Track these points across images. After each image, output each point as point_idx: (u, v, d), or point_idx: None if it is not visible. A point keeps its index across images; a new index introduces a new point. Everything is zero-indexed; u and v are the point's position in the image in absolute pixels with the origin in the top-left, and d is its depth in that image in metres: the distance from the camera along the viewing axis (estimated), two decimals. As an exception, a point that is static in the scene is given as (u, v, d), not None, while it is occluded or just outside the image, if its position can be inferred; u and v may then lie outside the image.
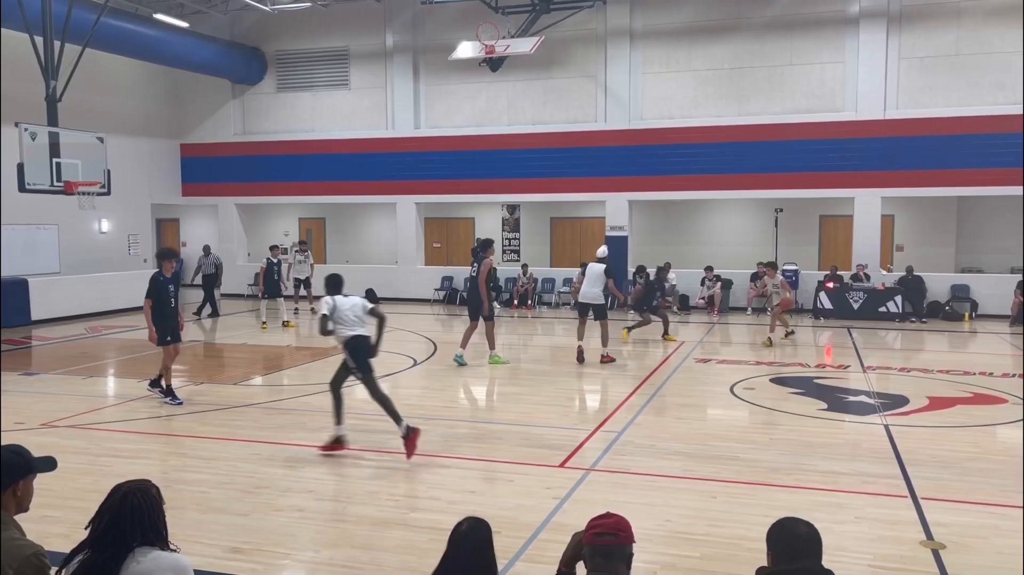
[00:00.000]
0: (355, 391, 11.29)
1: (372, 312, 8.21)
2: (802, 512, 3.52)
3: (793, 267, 19.95)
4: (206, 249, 20.18)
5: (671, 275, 20.29)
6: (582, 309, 13.51)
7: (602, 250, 13.85)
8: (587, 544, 2.98)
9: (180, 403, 10.20)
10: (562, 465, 7.60)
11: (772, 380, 11.72)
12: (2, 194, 17.57)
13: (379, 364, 12.85)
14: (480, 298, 12.69)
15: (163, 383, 10.33)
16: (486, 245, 13.08)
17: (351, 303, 8.29)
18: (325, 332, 8.12)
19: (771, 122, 19.83)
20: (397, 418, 7.87)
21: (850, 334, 16.48)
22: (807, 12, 19.58)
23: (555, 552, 5.50)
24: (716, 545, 5.67)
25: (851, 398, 10.63)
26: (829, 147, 19.42)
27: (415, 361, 13.34)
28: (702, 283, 20.09)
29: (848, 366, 12.90)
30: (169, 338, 10.25)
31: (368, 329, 8.22)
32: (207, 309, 19.34)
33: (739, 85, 20.21)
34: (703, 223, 22.52)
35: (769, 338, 15.03)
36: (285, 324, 17.23)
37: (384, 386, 8.46)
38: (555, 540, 5.71)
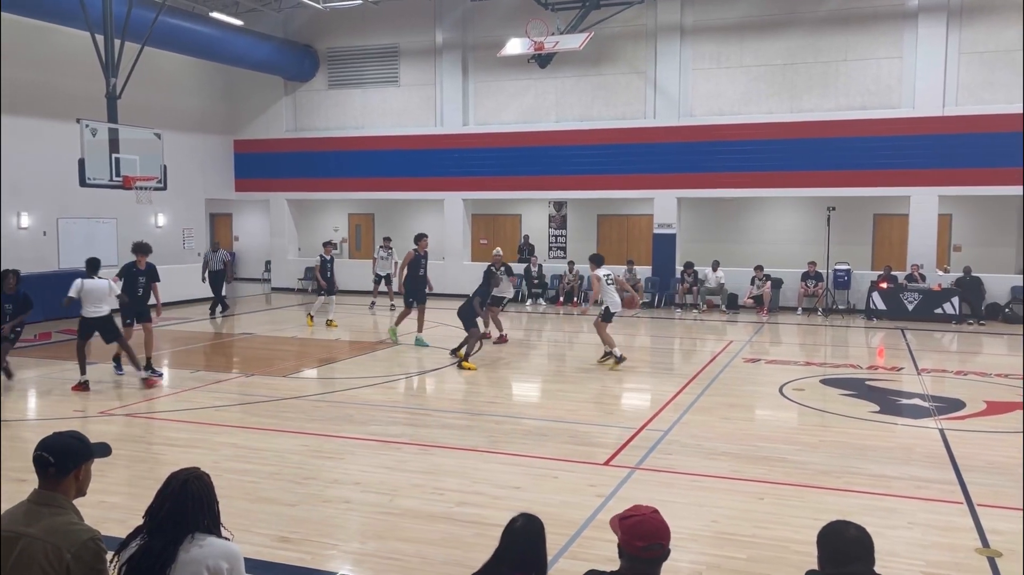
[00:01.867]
0: (397, 387, 11.42)
1: (118, 297, 10.83)
2: (852, 516, 3.46)
3: (846, 266, 19.55)
4: (214, 246, 19.86)
5: (719, 273, 20.06)
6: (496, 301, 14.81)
7: (497, 251, 15.56)
8: (630, 554, 2.92)
9: (122, 374, 11.44)
10: (607, 463, 7.58)
11: (822, 381, 11.51)
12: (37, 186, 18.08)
13: (427, 360, 13.04)
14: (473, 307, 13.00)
15: (133, 361, 11.20)
16: (418, 238, 14.72)
17: (98, 286, 10.52)
18: (67, 305, 10.50)
19: (824, 119, 19.45)
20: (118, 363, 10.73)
21: (904, 336, 16.11)
22: (863, 6, 19.14)
23: (599, 550, 5.50)
24: (763, 547, 5.60)
25: (904, 401, 10.39)
26: (884, 144, 18.97)
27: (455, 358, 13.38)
28: (752, 282, 19.83)
29: (902, 368, 12.61)
30: (129, 320, 11.51)
31: (108, 308, 10.60)
32: (219, 307, 19.00)
33: (792, 81, 19.87)
34: (753, 221, 22.20)
35: (612, 356, 12.26)
36: (329, 323, 16.84)
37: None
38: (599, 538, 5.70)
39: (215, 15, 21.35)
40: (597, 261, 12.90)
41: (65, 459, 3.00)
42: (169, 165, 16.49)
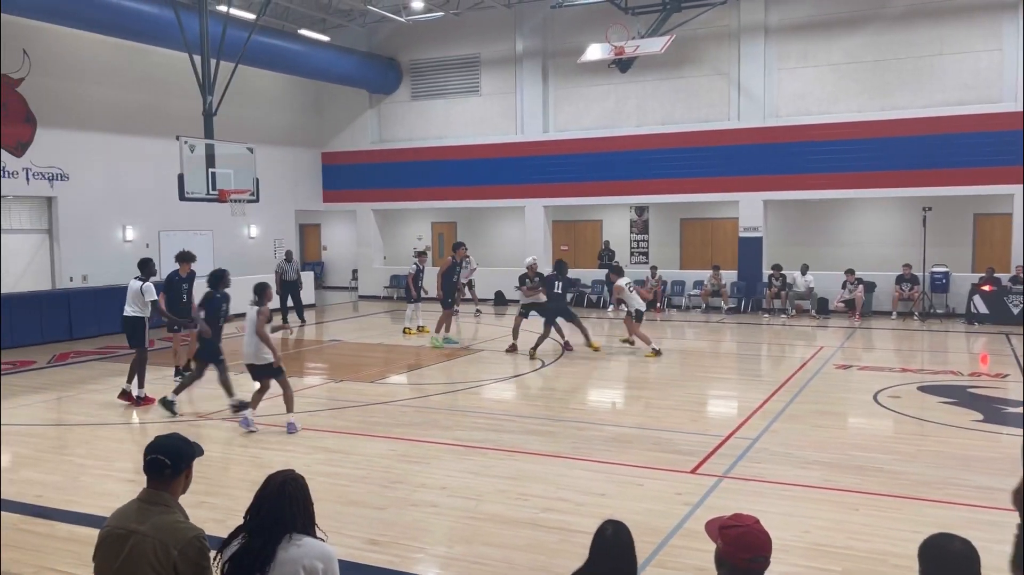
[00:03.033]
0: (481, 392, 11.51)
1: (153, 301, 10.61)
2: (955, 529, 3.32)
3: (943, 269, 18.75)
4: (288, 255, 19.82)
5: (808, 277, 19.50)
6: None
7: (529, 260, 15.72)
8: (733, 565, 2.86)
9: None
10: (694, 471, 7.46)
11: (920, 388, 11.06)
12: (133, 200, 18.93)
13: (509, 366, 13.11)
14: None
15: (139, 379, 10.97)
16: (456, 246, 15.90)
17: (131, 287, 10.60)
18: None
19: (918, 115, 18.71)
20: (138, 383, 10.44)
21: (1009, 341, 15.31)
22: (959, -3, 18.37)
23: (686, 558, 5.43)
24: (858, 559, 5.43)
25: (1010, 409, 9.87)
26: (984, 140, 18.10)
27: (543, 363, 13.43)
28: (843, 286, 19.20)
29: (1007, 375, 11.99)
30: (176, 327, 12.31)
31: (140, 310, 10.51)
32: (292, 316, 19.09)
33: (882, 78, 19.20)
34: (844, 223, 21.50)
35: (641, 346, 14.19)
36: (406, 331, 16.98)
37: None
38: (687, 547, 5.63)
39: (303, 32, 22.07)
40: (618, 272, 14.59)
41: (179, 460, 3.19)
42: (261, 178, 17.08)
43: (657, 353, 13.71)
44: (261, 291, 9.39)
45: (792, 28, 20.02)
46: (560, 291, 14.43)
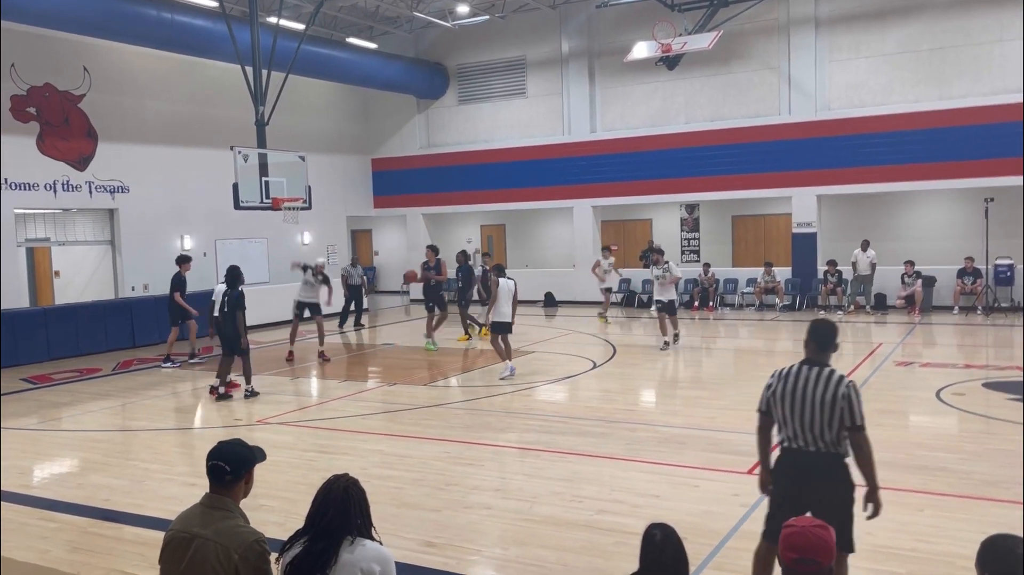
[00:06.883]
0: (532, 395, 11.51)
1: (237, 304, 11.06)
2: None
3: (1008, 261, 18.15)
4: (353, 260, 20.03)
5: (870, 252, 18.97)
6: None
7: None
8: (784, 565, 2.82)
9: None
10: (750, 472, 7.34)
11: (985, 385, 10.73)
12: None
13: (560, 367, 13.09)
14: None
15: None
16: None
17: (218, 290, 11.34)
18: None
19: (978, 104, 18.15)
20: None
21: (1079, 335, 14.76)
22: (1020, -20, 17.76)
23: (744, 561, 5.35)
24: (924, 562, 5.29)
25: (1082, 406, 9.52)
26: (1049, 127, 17.48)
27: (594, 364, 13.38)
28: (902, 280, 18.72)
29: (1078, 370, 11.56)
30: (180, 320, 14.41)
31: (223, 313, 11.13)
32: (356, 320, 19.41)
33: (939, 67, 18.67)
34: (901, 217, 20.96)
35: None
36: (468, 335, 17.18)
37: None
38: (745, 548, 5.54)
39: (351, 40, 22.35)
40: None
41: (239, 466, 3.26)
42: (313, 185, 17.32)
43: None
44: (502, 269, 12.48)
45: (843, 19, 19.61)
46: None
